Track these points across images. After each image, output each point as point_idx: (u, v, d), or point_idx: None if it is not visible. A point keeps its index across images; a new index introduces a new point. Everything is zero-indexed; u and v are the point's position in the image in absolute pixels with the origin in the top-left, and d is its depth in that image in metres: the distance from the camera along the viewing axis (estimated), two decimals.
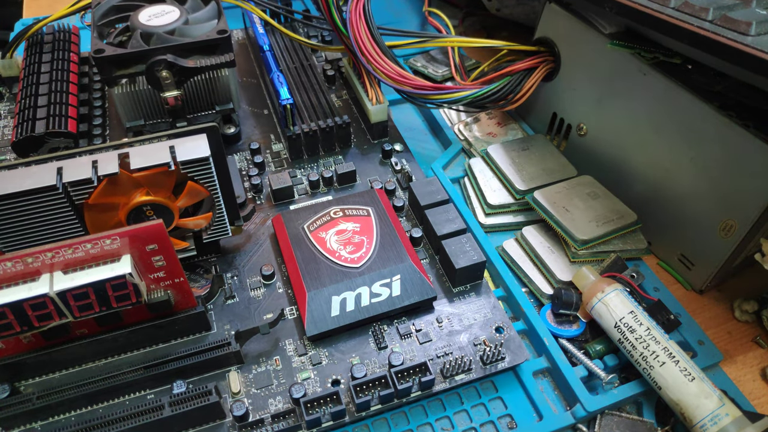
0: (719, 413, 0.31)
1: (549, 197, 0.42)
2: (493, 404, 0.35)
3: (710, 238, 0.39)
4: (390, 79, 0.43)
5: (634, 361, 0.35)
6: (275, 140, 0.50)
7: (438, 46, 0.58)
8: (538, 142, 0.49)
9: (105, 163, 0.31)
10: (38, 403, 0.31)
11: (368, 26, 0.43)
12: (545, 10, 0.46)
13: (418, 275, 0.37)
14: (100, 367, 0.34)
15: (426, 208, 0.41)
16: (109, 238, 0.30)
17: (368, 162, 0.48)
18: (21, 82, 0.47)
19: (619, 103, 0.42)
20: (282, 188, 0.44)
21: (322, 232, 0.39)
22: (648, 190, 0.42)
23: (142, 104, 0.45)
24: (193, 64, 0.42)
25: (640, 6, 0.36)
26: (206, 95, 0.46)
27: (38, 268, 0.29)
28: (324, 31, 0.59)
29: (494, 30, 0.66)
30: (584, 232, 0.40)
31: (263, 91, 0.55)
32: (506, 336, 0.36)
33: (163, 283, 0.33)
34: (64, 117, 0.44)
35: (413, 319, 0.37)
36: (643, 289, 0.40)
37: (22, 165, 0.31)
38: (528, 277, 0.41)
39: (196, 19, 0.46)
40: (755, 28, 0.32)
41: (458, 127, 0.53)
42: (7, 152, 0.48)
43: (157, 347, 0.35)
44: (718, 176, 0.37)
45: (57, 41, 0.50)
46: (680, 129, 0.38)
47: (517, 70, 0.45)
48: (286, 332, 0.36)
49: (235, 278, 0.39)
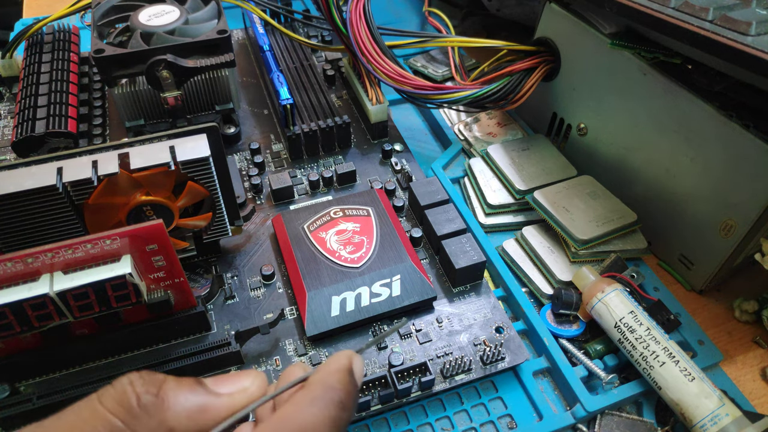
0: (719, 413, 0.31)
1: (549, 197, 0.42)
2: (493, 404, 0.35)
3: (710, 238, 0.39)
4: (390, 79, 0.43)
5: (634, 361, 0.35)
6: (275, 140, 0.50)
7: (438, 46, 0.58)
8: (538, 142, 0.49)
9: (105, 163, 0.31)
10: (38, 403, 0.31)
11: (368, 26, 0.43)
12: (545, 10, 0.46)
13: (418, 275, 0.37)
14: (100, 367, 0.34)
15: (426, 208, 0.41)
16: (109, 238, 0.30)
17: (368, 162, 0.48)
18: (21, 82, 0.47)
19: (619, 103, 0.42)
20: (282, 188, 0.44)
21: (322, 232, 0.39)
22: (648, 190, 0.42)
23: (142, 104, 0.45)
24: (193, 64, 0.42)
25: (640, 6, 0.36)
26: (206, 95, 0.46)
27: (38, 268, 0.29)
28: (324, 31, 0.59)
29: (494, 30, 0.66)
30: (584, 232, 0.40)
31: (263, 91, 0.55)
32: (506, 336, 0.36)
33: (163, 283, 0.33)
34: (64, 117, 0.44)
35: (413, 319, 0.37)
36: (643, 289, 0.40)
37: (22, 165, 0.31)
38: (528, 277, 0.41)
39: (196, 19, 0.46)
40: (755, 28, 0.32)
41: (458, 127, 0.53)
42: (7, 152, 0.48)
43: (157, 347, 0.35)
44: (718, 176, 0.37)
45: (57, 41, 0.50)
46: (680, 129, 0.38)
47: (517, 70, 0.45)
48: (286, 332, 0.36)
49: (235, 278, 0.39)
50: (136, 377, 0.20)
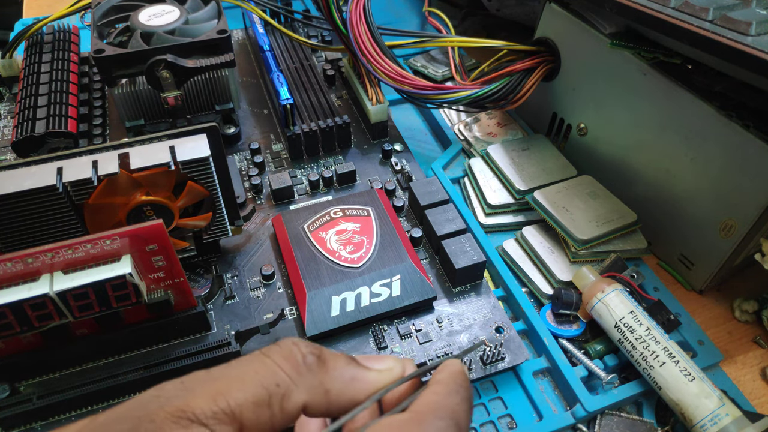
0: (719, 413, 0.31)
1: (549, 197, 0.42)
2: (493, 404, 0.35)
3: (710, 238, 0.39)
4: (390, 79, 0.43)
5: (634, 361, 0.35)
6: (275, 140, 0.50)
7: (438, 46, 0.58)
8: (538, 142, 0.49)
9: (105, 163, 0.31)
10: (38, 403, 0.31)
11: (368, 26, 0.43)
12: (545, 10, 0.46)
13: (418, 275, 0.37)
14: (100, 367, 0.34)
15: (426, 208, 0.41)
16: (109, 238, 0.30)
17: (368, 162, 0.48)
18: (21, 82, 0.47)
19: (619, 103, 0.42)
20: (282, 188, 0.44)
21: (322, 232, 0.39)
22: (648, 190, 0.42)
23: (142, 104, 0.45)
24: (193, 64, 0.42)
25: (640, 6, 0.36)
26: (206, 95, 0.46)
27: (38, 268, 0.29)
28: (324, 31, 0.59)
29: (494, 30, 0.66)
30: (584, 232, 0.40)
31: (263, 91, 0.55)
32: (506, 336, 0.36)
33: (163, 283, 0.33)
34: (64, 117, 0.44)
35: (413, 319, 0.37)
36: (643, 289, 0.40)
37: (22, 165, 0.31)
38: (528, 277, 0.41)
39: (196, 19, 0.46)
40: (755, 28, 0.32)
41: (458, 127, 0.53)
42: (7, 152, 0.48)
43: (157, 347, 0.35)
44: (718, 176, 0.37)
45: (57, 41, 0.50)
46: (680, 129, 0.38)
47: (517, 70, 0.45)
48: (286, 332, 0.36)
49: (235, 278, 0.39)
50: (299, 340, 0.22)
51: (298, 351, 0.21)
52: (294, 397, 0.20)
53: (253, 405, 0.19)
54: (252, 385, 0.19)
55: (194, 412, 0.18)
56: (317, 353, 0.21)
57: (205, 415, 0.18)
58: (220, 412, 0.18)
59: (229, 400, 0.19)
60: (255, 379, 0.20)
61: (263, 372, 0.20)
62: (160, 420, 0.18)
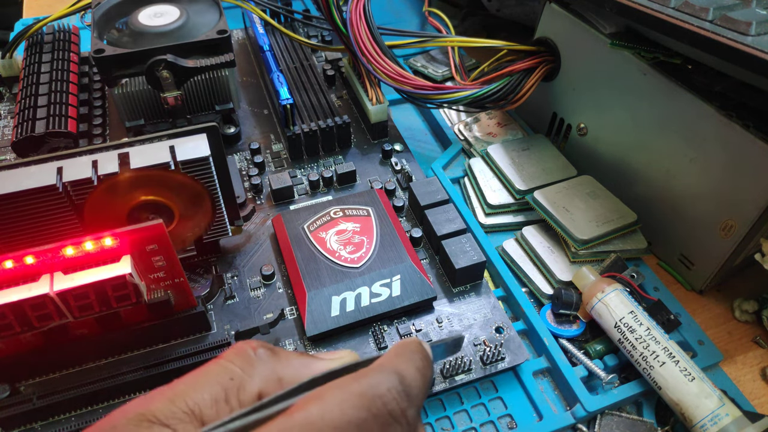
0: (719, 413, 0.31)
1: (549, 197, 0.42)
2: (493, 404, 0.35)
3: (710, 238, 0.39)
4: (390, 79, 0.43)
5: (634, 361, 0.35)
6: (275, 140, 0.50)
7: (438, 46, 0.58)
8: (538, 142, 0.49)
9: (105, 162, 0.31)
10: (38, 403, 0.31)
11: (368, 26, 0.43)
12: (545, 10, 0.46)
13: (418, 275, 0.37)
14: (100, 367, 0.34)
15: (426, 208, 0.41)
16: (109, 238, 0.30)
17: (368, 162, 0.48)
18: (21, 82, 0.47)
19: (619, 103, 0.42)
20: (282, 188, 0.44)
21: (322, 232, 0.39)
22: (648, 190, 0.42)
23: (142, 104, 0.45)
24: (193, 64, 0.42)
25: (640, 6, 0.36)
26: (206, 95, 0.46)
27: (38, 268, 0.29)
28: (324, 31, 0.59)
29: (494, 30, 0.66)
30: (584, 232, 0.40)
31: (263, 91, 0.55)
32: (506, 336, 0.36)
33: (163, 283, 0.33)
34: (64, 117, 0.44)
35: (413, 319, 0.37)
36: (643, 289, 0.40)
37: (22, 165, 0.31)
38: (528, 277, 0.41)
39: (195, 19, 0.46)
40: (755, 28, 0.32)
41: (458, 127, 0.53)
42: (7, 152, 0.48)
43: (157, 347, 0.35)
44: (718, 176, 0.37)
45: (57, 41, 0.50)
46: (680, 129, 0.38)
47: (517, 70, 0.45)
48: (286, 332, 0.36)
49: (235, 278, 0.39)
50: (252, 340, 0.23)
51: (249, 346, 0.22)
52: (249, 388, 0.21)
53: (211, 401, 0.20)
54: (207, 384, 0.20)
55: (154, 414, 0.19)
56: (269, 347, 0.23)
57: (165, 416, 0.19)
58: (179, 411, 0.19)
59: (187, 400, 0.20)
60: (209, 378, 0.21)
61: (216, 370, 0.21)
62: (122, 426, 0.19)
